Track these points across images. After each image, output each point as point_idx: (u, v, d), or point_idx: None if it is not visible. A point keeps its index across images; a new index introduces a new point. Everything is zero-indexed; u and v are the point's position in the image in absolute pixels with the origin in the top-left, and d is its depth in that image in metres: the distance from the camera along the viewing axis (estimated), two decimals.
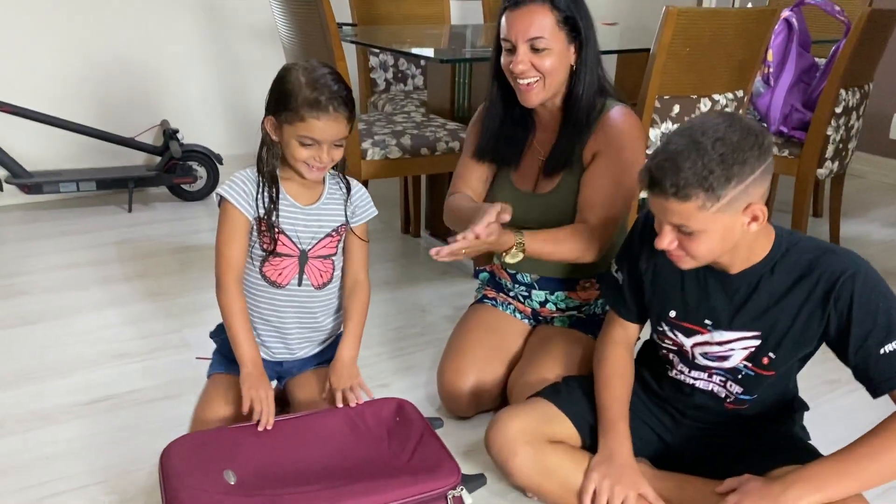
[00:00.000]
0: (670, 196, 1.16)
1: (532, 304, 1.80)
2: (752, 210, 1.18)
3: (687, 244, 1.21)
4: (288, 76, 1.41)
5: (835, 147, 2.47)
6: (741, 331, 1.32)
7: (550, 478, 1.39)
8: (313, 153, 1.42)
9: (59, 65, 3.13)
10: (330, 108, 1.38)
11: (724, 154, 1.14)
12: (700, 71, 2.12)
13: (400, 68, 3.26)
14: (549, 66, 1.56)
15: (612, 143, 1.61)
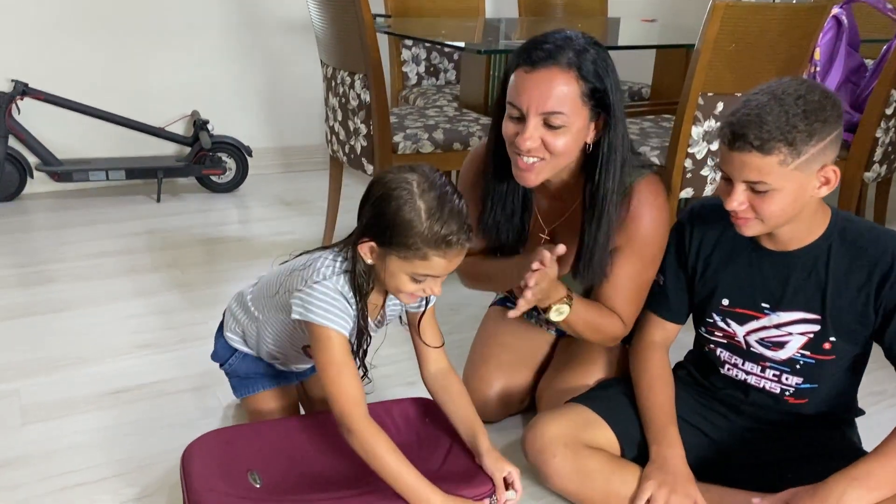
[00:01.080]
0: (753, 149, 1.15)
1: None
2: (826, 171, 1.18)
3: (759, 204, 1.20)
4: (402, 204, 1.14)
5: (883, 150, 2.38)
6: (801, 311, 1.29)
7: (589, 482, 1.35)
8: (426, 285, 1.21)
9: (91, 53, 3.13)
10: (458, 246, 1.16)
11: (807, 111, 1.14)
12: (745, 68, 2.05)
13: (432, 62, 3.22)
14: (562, 146, 1.30)
15: (635, 239, 1.41)
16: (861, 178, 2.37)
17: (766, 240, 1.30)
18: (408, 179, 1.16)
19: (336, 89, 2.36)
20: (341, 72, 2.29)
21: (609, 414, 1.41)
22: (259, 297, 1.41)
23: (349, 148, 2.35)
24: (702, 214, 1.39)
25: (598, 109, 1.32)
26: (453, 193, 1.18)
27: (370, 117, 2.18)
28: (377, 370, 1.86)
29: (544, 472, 1.38)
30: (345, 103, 2.31)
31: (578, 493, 1.36)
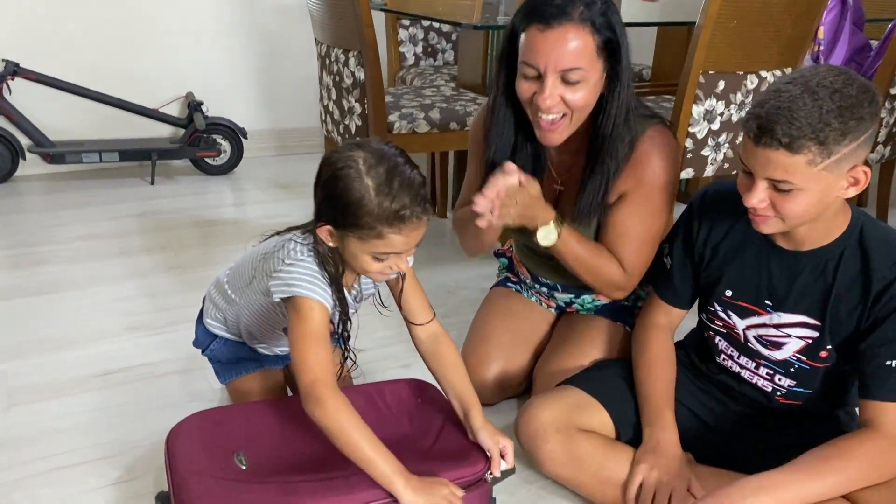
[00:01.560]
0: (780, 147, 1.06)
1: (558, 303, 1.70)
2: (856, 172, 1.09)
3: (780, 203, 1.12)
4: (350, 183, 1.10)
5: (888, 130, 2.34)
6: (802, 315, 1.24)
7: (582, 467, 1.32)
8: (390, 263, 1.17)
9: (85, 34, 3.08)
10: (414, 219, 1.11)
11: (843, 107, 1.04)
12: (747, 46, 2.01)
13: (430, 42, 3.17)
14: (581, 100, 1.30)
15: (642, 185, 1.39)
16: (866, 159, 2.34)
17: (779, 237, 1.23)
18: (354, 157, 1.11)
19: (330, 67, 2.32)
20: (335, 49, 2.25)
21: (604, 395, 1.38)
22: (235, 282, 1.39)
23: (343, 128, 2.31)
24: (715, 201, 1.32)
25: (611, 60, 1.31)
26: (405, 164, 1.13)
27: (364, 96, 2.14)
28: (371, 352, 1.83)
29: (537, 458, 1.35)
30: (339, 81, 2.27)
31: (572, 478, 1.34)
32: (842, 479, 1.13)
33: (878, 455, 1.14)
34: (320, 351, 1.14)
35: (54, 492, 1.37)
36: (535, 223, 1.36)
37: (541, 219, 1.36)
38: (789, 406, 1.33)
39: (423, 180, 1.15)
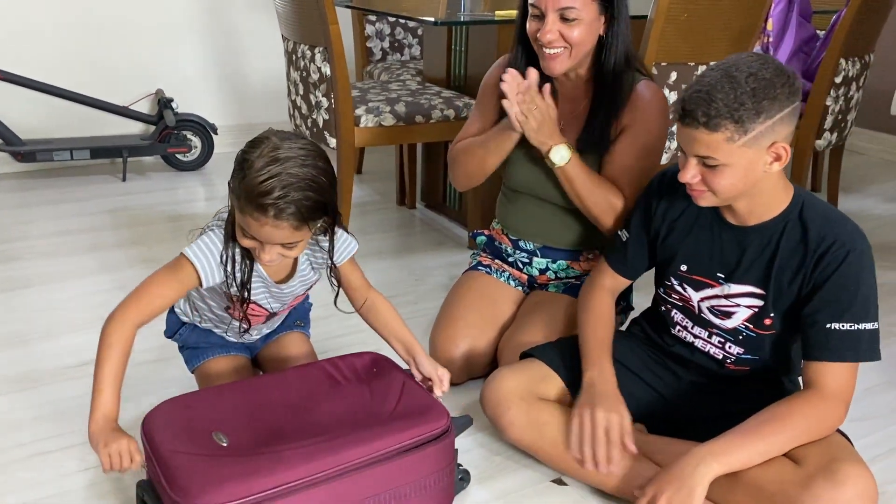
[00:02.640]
0: (700, 126, 1.18)
1: (531, 271, 1.79)
2: (777, 148, 1.20)
3: (710, 178, 1.23)
4: (254, 148, 1.17)
5: (834, 118, 2.45)
6: (749, 285, 1.33)
7: (542, 433, 1.39)
8: (253, 245, 1.22)
9: (54, 32, 3.10)
10: (271, 211, 1.14)
11: (756, 88, 1.16)
12: (698, 38, 2.10)
13: (396, 37, 3.23)
14: (577, 36, 1.52)
15: (639, 121, 1.59)
16: (813, 145, 2.44)
17: (727, 213, 1.34)
18: (272, 140, 1.18)
19: (297, 63, 2.37)
20: (302, 46, 2.30)
21: (561, 367, 1.46)
22: None
23: (311, 122, 2.37)
24: (672, 181, 1.42)
25: (605, 4, 1.53)
26: (307, 159, 1.16)
27: (331, 91, 2.20)
28: (344, 338, 1.89)
29: (500, 425, 1.43)
30: (306, 77, 2.32)
31: (533, 443, 1.41)
32: (785, 438, 1.22)
33: (817, 413, 1.23)
34: (150, 295, 1.26)
35: (33, 476, 1.42)
36: (549, 144, 1.56)
37: (554, 140, 1.56)
38: (738, 372, 1.42)
39: (312, 187, 1.16)
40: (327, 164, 1.21)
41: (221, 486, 1.12)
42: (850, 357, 1.23)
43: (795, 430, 1.22)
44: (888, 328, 2.08)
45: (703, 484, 1.19)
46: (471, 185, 1.78)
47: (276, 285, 1.38)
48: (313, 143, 1.23)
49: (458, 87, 2.60)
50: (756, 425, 1.24)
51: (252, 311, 1.40)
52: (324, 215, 1.22)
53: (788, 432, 1.22)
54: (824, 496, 1.14)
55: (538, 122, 1.53)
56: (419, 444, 1.25)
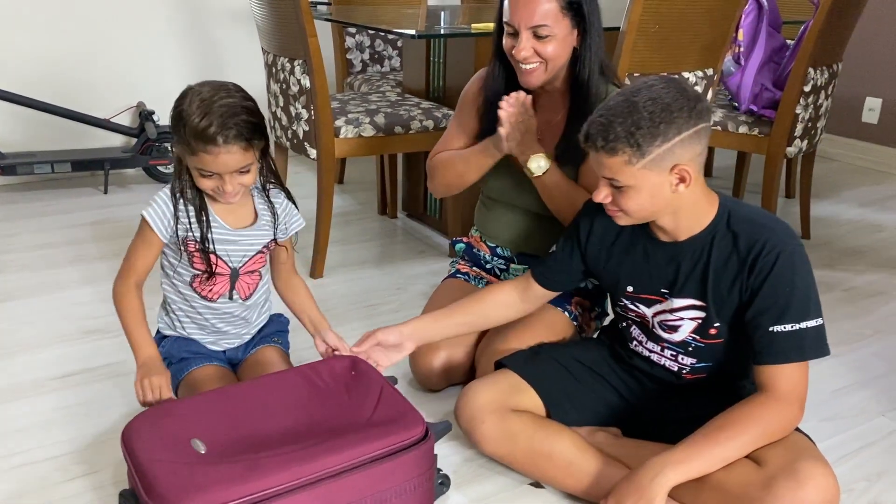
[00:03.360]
0: (600, 150, 1.23)
1: (508, 279, 1.82)
2: (679, 171, 1.23)
3: (619, 199, 1.28)
4: (182, 100, 1.31)
5: (804, 125, 2.51)
6: (690, 298, 1.36)
7: (515, 443, 1.42)
8: (216, 183, 1.34)
9: (34, 45, 3.11)
10: (220, 139, 1.27)
11: (654, 112, 1.20)
12: (669, 49, 2.15)
13: (376, 49, 3.26)
14: (551, 52, 1.56)
15: None
16: (784, 152, 2.50)
17: (658, 231, 1.36)
18: (191, 88, 1.32)
19: (277, 76, 2.40)
20: (281, 58, 2.33)
21: (535, 378, 1.48)
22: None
23: (291, 133, 2.39)
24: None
25: (577, 18, 1.56)
26: (234, 92, 1.31)
27: (311, 102, 2.23)
28: None
29: (474, 438, 1.45)
30: (286, 89, 2.35)
31: (506, 455, 1.44)
32: (741, 443, 1.25)
33: (772, 415, 1.26)
34: (133, 257, 1.44)
35: (17, 487, 1.43)
36: (529, 154, 1.61)
37: (533, 150, 1.61)
38: (696, 380, 1.45)
39: (246, 111, 1.30)
40: (246, 93, 1.35)
41: (198, 493, 1.14)
42: (796, 357, 1.26)
43: (751, 433, 1.25)
44: (857, 331, 2.14)
45: (661, 494, 1.22)
46: (449, 194, 1.82)
47: (241, 230, 1.47)
48: (226, 81, 1.35)
49: (437, 99, 2.64)
50: (712, 432, 1.26)
51: (216, 268, 1.46)
52: (262, 136, 1.35)
53: (745, 436, 1.25)
54: (786, 496, 1.17)
55: (520, 138, 1.58)
56: (397, 450, 1.27)
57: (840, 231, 2.94)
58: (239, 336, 1.60)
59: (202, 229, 1.42)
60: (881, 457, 1.60)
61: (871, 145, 3.83)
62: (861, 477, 1.53)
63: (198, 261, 1.45)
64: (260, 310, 1.62)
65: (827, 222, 3.01)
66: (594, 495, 1.37)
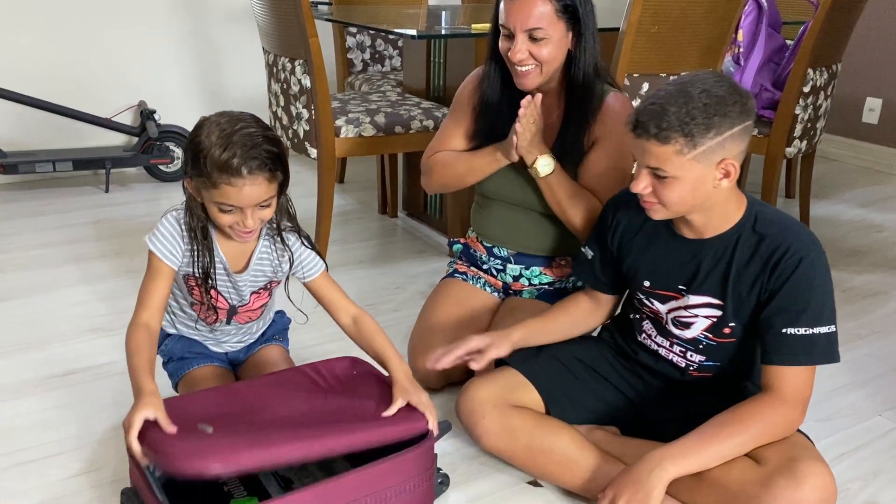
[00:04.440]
0: (651, 137, 1.22)
1: (505, 278, 1.83)
2: (726, 165, 1.24)
3: (660, 190, 1.27)
4: (199, 131, 1.25)
5: (803, 126, 2.51)
6: (707, 296, 1.37)
7: (515, 438, 1.43)
8: (236, 219, 1.28)
9: (36, 44, 3.11)
10: (244, 170, 1.22)
11: (708, 105, 1.20)
12: (669, 49, 2.15)
13: (377, 49, 3.27)
14: (546, 54, 1.57)
15: (610, 132, 1.64)
16: (783, 153, 2.50)
17: (683, 227, 1.37)
18: (211, 118, 1.26)
19: (278, 75, 2.40)
20: (282, 58, 2.34)
21: (535, 376, 1.50)
22: None
23: (292, 133, 2.40)
24: (628, 201, 1.46)
25: (572, 21, 1.57)
26: (250, 126, 1.25)
27: (311, 102, 2.24)
28: (321, 346, 1.92)
29: (475, 433, 1.46)
30: (286, 89, 2.36)
31: (506, 450, 1.45)
32: (741, 441, 1.26)
33: (774, 416, 1.27)
34: (143, 292, 1.35)
35: (18, 485, 1.44)
36: (535, 154, 1.61)
37: (540, 152, 1.62)
38: (701, 378, 1.46)
39: (267, 141, 1.25)
40: (265, 123, 1.30)
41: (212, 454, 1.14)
42: (805, 360, 1.27)
43: (752, 432, 1.26)
44: (855, 331, 2.15)
45: (659, 487, 1.23)
46: (443, 192, 1.83)
47: (235, 274, 1.43)
48: (241, 111, 1.31)
49: (437, 98, 2.65)
50: (713, 428, 1.27)
51: (216, 303, 1.44)
52: (284, 168, 1.30)
53: (745, 435, 1.26)
54: (784, 494, 1.18)
55: (531, 134, 1.58)
56: (400, 445, 1.28)
57: (839, 231, 2.94)
58: (241, 341, 1.61)
59: (206, 268, 1.37)
60: (877, 456, 1.61)
61: (872, 145, 3.83)
62: (857, 476, 1.54)
63: (196, 294, 1.43)
64: (263, 321, 1.61)
65: (827, 222, 3.02)
66: (592, 492, 1.38)
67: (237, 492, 1.34)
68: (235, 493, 1.33)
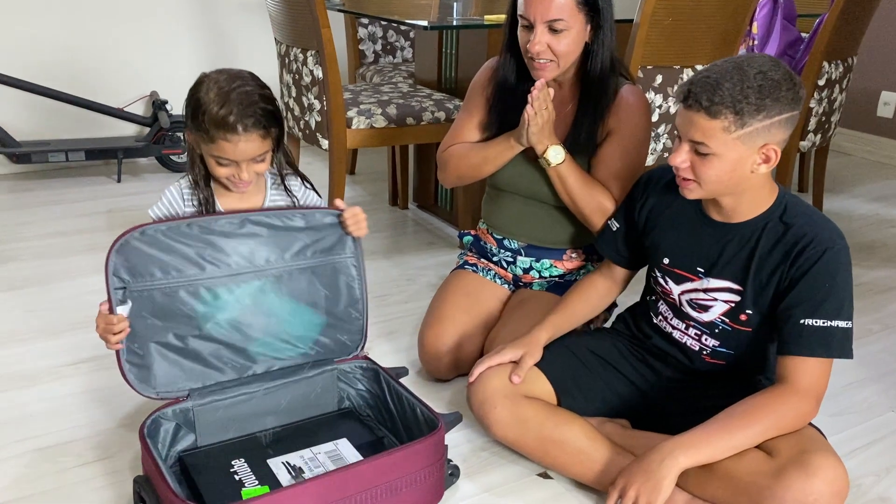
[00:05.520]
0: (702, 110, 1.22)
1: (515, 271, 1.83)
2: (767, 150, 1.24)
3: (698, 166, 1.27)
4: (199, 88, 1.32)
5: (817, 119, 2.49)
6: (726, 280, 1.37)
7: (526, 429, 1.43)
8: (232, 171, 1.35)
9: (49, 34, 3.12)
10: (239, 127, 1.29)
11: (763, 86, 1.20)
12: (683, 41, 2.14)
13: (389, 40, 3.26)
14: (565, 47, 1.56)
15: (624, 124, 1.64)
16: (797, 146, 2.48)
17: (713, 210, 1.37)
18: (207, 76, 1.33)
19: (290, 66, 2.40)
20: (294, 49, 2.34)
21: (547, 366, 1.49)
22: None
23: (304, 123, 2.40)
24: (660, 178, 1.47)
25: (591, 13, 1.57)
26: (249, 84, 1.31)
27: (323, 93, 2.24)
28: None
29: (486, 423, 1.46)
30: (298, 80, 2.36)
31: (517, 440, 1.45)
32: (754, 432, 1.26)
33: (787, 408, 1.26)
34: None
35: (30, 472, 1.45)
36: (546, 144, 1.61)
37: (552, 141, 1.61)
38: (715, 367, 1.45)
39: (263, 99, 1.31)
40: (262, 82, 1.36)
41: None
42: (822, 353, 1.27)
43: (764, 424, 1.26)
44: (868, 326, 2.13)
45: (669, 476, 1.23)
46: (460, 185, 1.82)
47: None
48: (241, 69, 1.37)
49: (449, 90, 2.64)
50: (726, 419, 1.27)
51: None
52: (278, 124, 1.36)
53: (757, 426, 1.26)
54: (795, 487, 1.18)
55: (543, 122, 1.57)
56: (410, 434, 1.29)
57: (853, 226, 2.92)
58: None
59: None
60: (890, 452, 1.60)
61: (886, 140, 3.80)
62: (870, 471, 1.53)
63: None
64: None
65: (839, 217, 3.00)
66: (603, 484, 1.38)
67: (248, 481, 1.34)
68: (247, 483, 1.34)
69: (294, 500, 1.19)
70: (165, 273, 1.36)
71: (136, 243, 1.32)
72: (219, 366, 1.44)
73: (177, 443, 1.42)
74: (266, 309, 1.45)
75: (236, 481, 1.34)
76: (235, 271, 1.40)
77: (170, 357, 1.40)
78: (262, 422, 1.49)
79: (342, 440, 1.46)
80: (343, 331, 1.54)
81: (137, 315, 1.35)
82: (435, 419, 1.37)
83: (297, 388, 1.51)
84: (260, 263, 1.42)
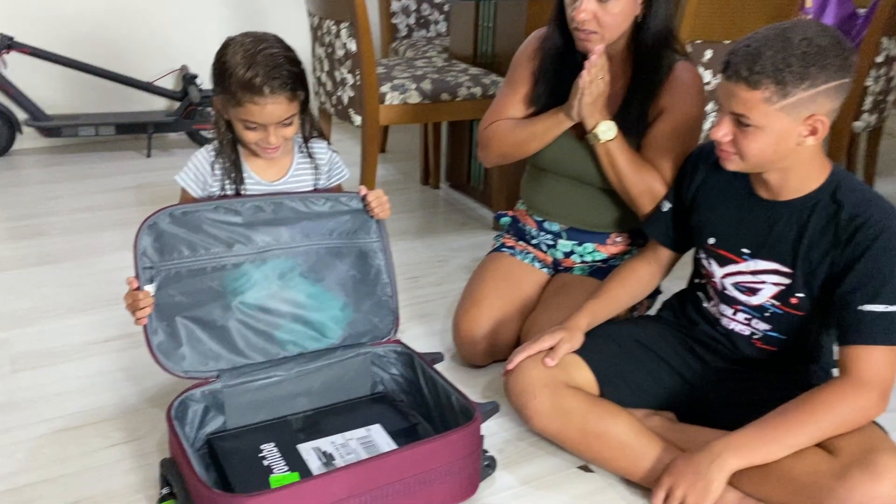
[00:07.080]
0: (741, 81, 1.15)
1: (555, 254, 1.76)
2: (814, 121, 1.16)
3: (741, 139, 1.20)
4: (225, 51, 1.31)
5: (873, 98, 2.37)
6: (774, 262, 1.30)
7: (568, 420, 1.37)
8: (260, 136, 1.34)
9: (80, 7, 3.09)
10: (266, 89, 1.28)
11: (807, 53, 1.12)
12: (734, 15, 2.04)
13: (422, 13, 3.18)
14: (610, 20, 1.48)
15: (677, 103, 1.55)
16: (850, 127, 2.37)
17: (759, 187, 1.30)
18: (236, 38, 1.32)
19: (322, 39, 2.34)
20: (327, 21, 2.27)
21: (589, 354, 1.43)
22: None
23: (336, 99, 2.34)
24: (710, 153, 1.39)
25: None
26: (269, 49, 1.30)
27: (356, 67, 2.17)
28: None
29: (525, 413, 1.40)
30: (331, 53, 2.29)
31: (558, 432, 1.39)
32: (812, 431, 1.18)
33: (848, 403, 1.18)
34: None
35: (57, 452, 1.42)
36: (598, 118, 1.53)
37: (603, 116, 1.53)
38: (766, 353, 1.38)
39: (290, 66, 1.30)
40: (287, 44, 1.35)
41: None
42: (884, 340, 1.18)
43: (824, 422, 1.18)
44: None
45: (719, 478, 1.17)
46: (502, 164, 1.75)
47: (271, 185, 1.44)
48: (266, 32, 1.36)
49: (486, 65, 2.55)
50: (781, 417, 1.20)
51: None
52: (304, 87, 1.35)
53: (816, 424, 1.18)
54: (860, 489, 1.11)
55: (598, 92, 1.50)
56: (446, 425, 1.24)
57: None
58: None
59: (236, 184, 1.41)
60: None
61: None
62: None
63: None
64: None
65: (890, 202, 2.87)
66: (648, 480, 1.31)
67: (277, 467, 1.30)
68: (275, 469, 1.29)
69: (322, 490, 1.15)
70: (193, 251, 1.35)
71: (164, 225, 1.33)
72: (245, 350, 1.41)
73: (205, 425, 1.39)
74: (293, 294, 1.43)
75: (265, 467, 1.30)
76: (262, 248, 1.39)
77: (197, 335, 1.37)
78: (293, 404, 1.45)
79: (375, 426, 1.41)
80: (374, 313, 1.49)
81: (165, 292, 1.33)
82: (471, 408, 1.32)
83: (329, 372, 1.47)
84: (286, 241, 1.41)
